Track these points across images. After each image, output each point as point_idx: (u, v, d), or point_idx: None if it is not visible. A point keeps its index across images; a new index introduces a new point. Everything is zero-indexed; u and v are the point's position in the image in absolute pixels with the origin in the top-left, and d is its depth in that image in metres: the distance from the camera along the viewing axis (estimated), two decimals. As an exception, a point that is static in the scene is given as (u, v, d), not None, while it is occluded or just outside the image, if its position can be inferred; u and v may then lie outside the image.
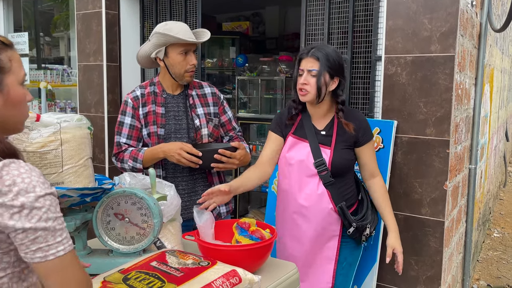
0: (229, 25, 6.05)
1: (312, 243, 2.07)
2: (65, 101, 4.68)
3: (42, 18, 5.31)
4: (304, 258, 2.09)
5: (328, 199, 2.01)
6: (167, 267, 1.31)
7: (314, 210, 2.03)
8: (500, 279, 4.05)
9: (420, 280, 2.54)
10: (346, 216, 2.01)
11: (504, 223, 5.65)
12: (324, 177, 2.00)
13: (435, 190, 2.45)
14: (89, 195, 1.46)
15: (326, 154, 2.01)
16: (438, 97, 2.40)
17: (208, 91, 2.33)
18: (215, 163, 2.08)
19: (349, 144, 2.04)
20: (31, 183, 0.91)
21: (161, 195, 1.62)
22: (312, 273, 2.09)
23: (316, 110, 2.07)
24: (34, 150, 1.40)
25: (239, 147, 2.13)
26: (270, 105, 4.79)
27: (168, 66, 2.17)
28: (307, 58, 1.99)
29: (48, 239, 0.91)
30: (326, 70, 1.95)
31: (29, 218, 0.89)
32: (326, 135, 2.05)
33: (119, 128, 2.22)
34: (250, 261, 1.50)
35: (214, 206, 1.76)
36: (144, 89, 2.25)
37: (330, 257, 2.07)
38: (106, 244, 1.52)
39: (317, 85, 1.95)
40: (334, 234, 2.06)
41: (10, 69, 1.00)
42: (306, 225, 2.06)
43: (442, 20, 2.37)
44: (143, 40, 3.85)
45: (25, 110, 1.05)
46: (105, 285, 1.23)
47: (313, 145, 2.03)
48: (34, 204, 0.89)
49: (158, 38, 2.12)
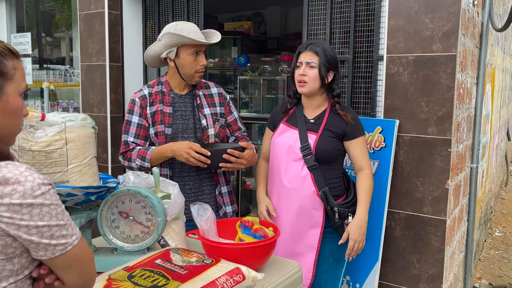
0: (231, 25, 6.06)
1: (293, 225, 2.13)
2: (67, 101, 4.69)
3: (44, 19, 5.33)
4: (286, 244, 2.14)
5: (311, 182, 2.10)
6: (171, 265, 1.32)
7: (297, 191, 2.12)
8: (502, 277, 4.05)
9: (422, 279, 2.55)
10: (329, 201, 2.08)
11: (505, 222, 5.65)
12: (308, 160, 2.10)
13: (437, 189, 2.46)
14: (94, 193, 1.47)
15: (311, 139, 2.12)
16: (439, 97, 2.41)
17: (215, 91, 2.34)
18: (224, 163, 2.09)
19: (337, 134, 2.13)
20: (35, 180, 0.91)
21: (165, 193, 1.63)
22: None
23: (309, 102, 2.20)
24: (40, 149, 1.41)
25: (247, 147, 2.14)
26: (271, 105, 4.79)
27: (179, 66, 2.17)
28: (306, 52, 2.12)
29: (62, 231, 0.93)
30: (323, 63, 2.08)
31: (40, 216, 0.90)
32: (315, 123, 2.16)
33: (126, 127, 2.22)
34: (253, 259, 1.51)
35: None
36: (152, 88, 2.25)
37: (312, 245, 2.13)
38: (111, 242, 1.53)
39: (319, 75, 2.08)
40: (316, 221, 2.12)
41: (13, 77, 0.99)
42: (288, 205, 2.14)
43: (444, 19, 2.38)
44: (145, 40, 3.86)
45: (19, 123, 1.03)
46: (110, 282, 1.24)
47: (302, 131, 2.15)
48: (42, 201, 0.90)
49: (171, 38, 2.12)
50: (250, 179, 4.74)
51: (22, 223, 0.89)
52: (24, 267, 0.95)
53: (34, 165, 1.42)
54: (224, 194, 2.31)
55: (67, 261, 0.96)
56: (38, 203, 0.90)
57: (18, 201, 0.88)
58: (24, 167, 0.92)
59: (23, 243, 0.91)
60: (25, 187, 0.89)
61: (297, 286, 1.60)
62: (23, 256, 0.94)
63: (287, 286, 1.55)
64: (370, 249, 2.52)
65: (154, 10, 3.75)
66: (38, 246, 0.91)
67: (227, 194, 2.32)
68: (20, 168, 0.91)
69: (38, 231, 0.90)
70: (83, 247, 0.99)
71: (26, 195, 0.88)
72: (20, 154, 1.42)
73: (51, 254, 0.93)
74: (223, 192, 2.30)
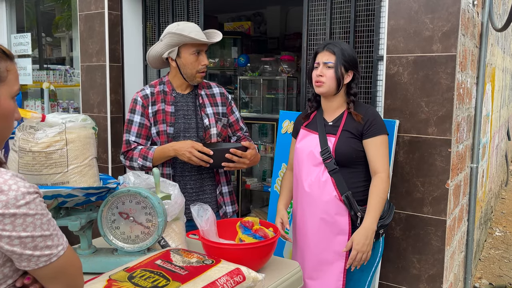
0: (231, 25, 6.06)
1: (318, 233, 2.07)
2: (67, 102, 4.70)
3: (44, 19, 5.33)
4: (313, 251, 2.09)
5: (332, 187, 2.03)
6: (171, 266, 1.32)
7: (317, 197, 2.06)
8: (502, 277, 4.05)
9: (422, 279, 2.55)
10: (352, 205, 2.00)
11: (506, 222, 5.65)
12: (329, 164, 2.04)
13: (437, 189, 2.46)
14: (94, 194, 1.47)
15: (331, 142, 2.07)
16: (439, 97, 2.41)
17: (217, 91, 2.34)
18: (226, 163, 2.09)
19: (356, 134, 2.06)
20: (19, 189, 0.88)
21: (165, 194, 1.63)
22: (322, 271, 2.09)
23: (329, 104, 2.14)
24: (40, 150, 1.42)
25: (249, 147, 2.14)
26: (271, 105, 4.79)
27: (180, 66, 2.18)
28: (323, 52, 2.09)
29: (47, 242, 0.91)
30: (341, 63, 2.04)
31: (23, 227, 0.87)
32: (334, 125, 2.11)
33: (128, 126, 2.22)
34: (253, 260, 1.51)
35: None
36: (154, 88, 2.25)
37: (340, 253, 2.05)
38: (111, 243, 1.54)
39: (335, 75, 2.04)
40: (342, 228, 2.04)
41: (6, 79, 0.97)
42: (310, 211, 2.09)
43: (444, 19, 2.38)
44: (145, 40, 3.87)
45: (10, 126, 1.01)
46: (110, 283, 1.24)
47: (321, 135, 2.10)
48: (26, 211, 0.87)
49: (172, 38, 2.12)
50: (251, 179, 4.74)
51: (3, 234, 0.86)
52: (8, 276, 0.93)
53: (34, 166, 1.42)
54: (224, 194, 2.31)
55: (52, 272, 0.93)
56: (22, 213, 0.87)
57: (0, 211, 0.85)
58: (9, 175, 0.89)
59: (5, 253, 0.89)
60: (8, 197, 0.86)
61: (297, 286, 1.60)
62: (6, 265, 0.92)
63: (287, 287, 1.55)
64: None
65: (154, 11, 3.76)
66: (21, 257, 0.89)
67: (228, 194, 2.33)
68: (5, 176, 0.89)
69: (21, 242, 0.87)
70: (70, 257, 0.96)
71: (9, 205, 0.86)
72: (21, 155, 1.43)
73: (34, 265, 0.91)
74: (224, 192, 2.31)
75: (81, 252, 1.56)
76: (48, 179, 1.43)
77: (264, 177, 4.79)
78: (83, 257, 1.53)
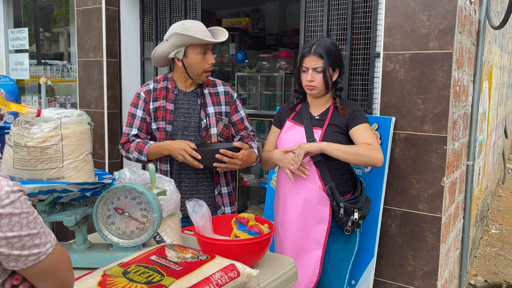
0: (229, 21, 6.06)
1: (300, 220, 2.13)
2: (65, 97, 4.69)
3: (42, 14, 5.31)
4: (294, 239, 2.15)
5: (317, 177, 2.10)
6: (166, 261, 1.32)
7: (302, 184, 2.12)
8: (497, 274, 4.07)
9: (417, 275, 2.56)
10: (335, 196, 2.08)
11: (502, 219, 5.67)
12: (314, 155, 2.09)
13: (433, 186, 2.47)
14: (89, 189, 1.48)
15: (317, 135, 2.13)
16: (436, 94, 2.42)
17: (221, 89, 2.30)
18: (218, 163, 2.07)
19: (342, 129, 2.13)
20: (2, 188, 0.84)
21: (161, 190, 1.63)
22: (300, 259, 2.12)
23: (316, 100, 2.22)
24: (35, 145, 1.41)
25: (242, 147, 2.10)
26: (269, 101, 4.80)
27: (187, 66, 2.16)
28: (310, 56, 2.11)
29: (35, 241, 0.88)
30: (329, 64, 2.10)
31: (10, 227, 0.85)
32: (320, 119, 2.17)
33: (130, 120, 2.25)
34: (248, 256, 1.52)
35: None
36: (158, 83, 2.26)
37: (318, 242, 2.12)
38: (106, 238, 1.54)
39: (324, 81, 2.11)
40: (323, 217, 2.11)
41: None
42: (294, 199, 2.14)
43: (440, 17, 2.38)
44: (143, 36, 3.86)
45: None
46: (105, 278, 1.24)
47: (307, 127, 2.16)
48: (11, 211, 0.85)
49: (178, 38, 2.09)
50: (248, 176, 4.75)
51: None
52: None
53: (29, 161, 1.42)
54: (224, 195, 2.29)
55: (41, 271, 0.91)
56: (7, 212, 0.84)
57: None
58: None
59: None
60: None
61: (292, 282, 1.61)
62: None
63: (282, 283, 1.55)
64: (365, 245, 2.53)
65: (152, 6, 3.75)
66: (9, 258, 0.86)
67: (227, 195, 2.30)
68: None
69: (8, 243, 0.85)
70: (59, 254, 0.94)
71: None
72: (16, 150, 1.43)
73: (22, 265, 0.88)
74: (223, 192, 2.28)
75: (76, 247, 1.56)
76: (43, 174, 1.43)
77: (261, 174, 4.79)
78: (78, 252, 1.54)
